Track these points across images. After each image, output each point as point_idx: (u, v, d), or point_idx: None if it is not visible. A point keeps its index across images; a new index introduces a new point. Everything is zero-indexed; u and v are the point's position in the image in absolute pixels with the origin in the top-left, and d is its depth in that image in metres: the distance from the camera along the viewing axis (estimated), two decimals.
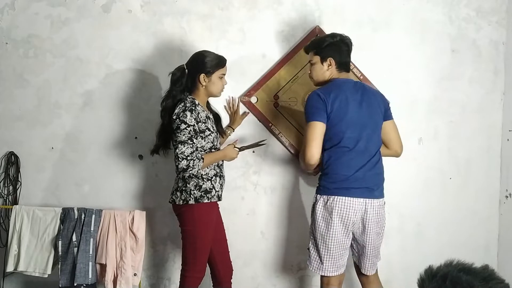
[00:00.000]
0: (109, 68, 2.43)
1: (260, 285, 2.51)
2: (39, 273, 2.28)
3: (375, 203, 1.95)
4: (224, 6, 2.43)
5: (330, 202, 1.91)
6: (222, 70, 2.06)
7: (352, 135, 1.91)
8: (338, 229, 1.91)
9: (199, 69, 2.01)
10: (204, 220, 2.02)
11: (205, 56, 2.03)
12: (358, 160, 1.92)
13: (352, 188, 1.90)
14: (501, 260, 2.55)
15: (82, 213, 2.28)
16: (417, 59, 2.50)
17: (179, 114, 1.92)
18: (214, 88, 2.06)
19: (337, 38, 2.00)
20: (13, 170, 2.43)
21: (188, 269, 2.04)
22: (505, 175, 2.56)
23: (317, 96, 1.92)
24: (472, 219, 2.56)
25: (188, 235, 2.02)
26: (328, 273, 1.97)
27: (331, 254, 1.95)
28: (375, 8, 2.47)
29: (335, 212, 1.89)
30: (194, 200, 1.97)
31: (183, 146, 1.88)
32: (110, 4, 2.42)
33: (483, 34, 2.53)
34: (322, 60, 2.00)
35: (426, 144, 2.52)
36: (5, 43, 2.43)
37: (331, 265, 1.96)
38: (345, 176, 1.90)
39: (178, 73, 2.05)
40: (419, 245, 2.53)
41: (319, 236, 1.95)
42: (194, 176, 1.98)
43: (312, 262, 2.01)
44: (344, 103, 1.91)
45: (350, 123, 1.91)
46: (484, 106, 2.55)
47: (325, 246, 1.94)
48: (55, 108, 2.44)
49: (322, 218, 1.93)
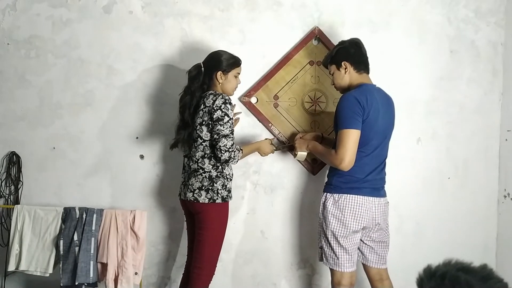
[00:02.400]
0: (110, 69, 2.44)
1: (260, 284, 2.53)
2: (41, 272, 2.29)
3: (382, 201, 2.01)
4: (225, 7, 2.44)
5: (342, 200, 1.95)
6: (238, 69, 2.11)
7: (375, 142, 1.95)
8: (350, 226, 1.94)
9: (216, 66, 2.06)
10: (226, 219, 2.07)
11: (222, 55, 2.08)
12: (371, 165, 1.97)
13: (363, 188, 1.95)
14: (500, 259, 2.57)
15: (84, 213, 2.30)
16: (416, 59, 2.51)
17: (221, 106, 1.95)
18: (229, 86, 2.10)
19: (346, 43, 2.05)
20: (14, 170, 2.44)
21: (203, 267, 2.02)
22: (503, 175, 2.57)
23: (355, 100, 1.89)
24: (470, 218, 2.57)
25: (211, 234, 2.01)
26: (345, 269, 1.98)
27: (346, 249, 1.98)
28: (374, 9, 2.48)
29: (347, 209, 1.94)
30: (221, 199, 2.00)
31: (226, 139, 1.92)
32: (111, 5, 2.43)
33: (481, 35, 2.55)
34: (337, 67, 2.03)
35: (424, 144, 2.54)
36: (7, 43, 2.44)
37: (347, 260, 1.98)
38: (358, 178, 1.95)
39: (195, 70, 2.09)
40: (418, 245, 2.54)
41: (331, 233, 1.97)
42: (221, 176, 2.02)
43: (328, 259, 2.02)
44: (376, 112, 1.92)
45: (377, 132, 1.94)
46: (483, 106, 2.57)
47: (338, 242, 1.97)
48: (56, 109, 2.45)
49: (333, 215, 1.96)
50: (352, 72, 2.02)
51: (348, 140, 1.87)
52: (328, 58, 2.08)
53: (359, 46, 2.04)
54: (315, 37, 2.44)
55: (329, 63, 2.08)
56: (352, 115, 1.88)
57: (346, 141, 1.87)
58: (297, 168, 2.48)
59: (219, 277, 2.49)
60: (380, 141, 1.96)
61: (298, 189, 2.50)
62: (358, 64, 2.02)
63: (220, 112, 1.94)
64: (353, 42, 2.04)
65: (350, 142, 1.87)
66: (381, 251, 2.09)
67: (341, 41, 2.09)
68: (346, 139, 1.87)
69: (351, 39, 2.06)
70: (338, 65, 2.03)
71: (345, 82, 2.04)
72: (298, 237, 2.50)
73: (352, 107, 1.89)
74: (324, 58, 2.13)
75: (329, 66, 2.09)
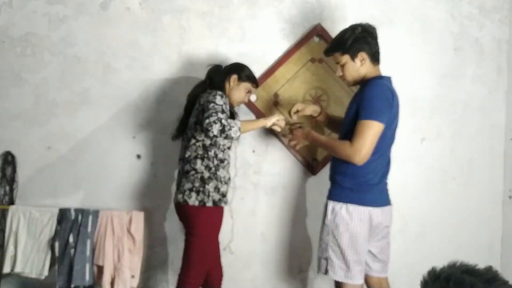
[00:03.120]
0: (107, 67, 2.40)
1: (260, 287, 2.48)
2: (36, 275, 2.24)
3: (390, 208, 1.95)
4: (224, 3, 2.41)
5: (356, 211, 1.80)
6: (252, 85, 2.10)
7: (390, 142, 1.86)
8: (364, 236, 1.82)
9: (234, 70, 2.07)
10: (217, 225, 1.99)
11: (245, 66, 2.11)
12: (385, 167, 1.88)
13: (377, 197, 1.86)
14: (505, 260, 2.53)
15: (79, 214, 2.25)
16: (419, 57, 2.48)
17: (209, 97, 1.88)
18: (237, 95, 2.08)
19: (359, 29, 1.82)
20: (9, 170, 2.39)
21: (190, 274, 1.94)
22: (508, 174, 2.54)
23: (389, 91, 1.74)
24: (475, 219, 2.54)
25: (197, 238, 1.93)
26: (357, 280, 1.83)
27: (359, 260, 1.82)
28: (377, 6, 2.45)
29: (363, 221, 1.81)
30: (212, 202, 1.92)
31: (211, 116, 1.77)
32: (108, 2, 2.39)
33: (486, 32, 2.52)
34: (352, 57, 1.82)
35: (428, 144, 2.50)
36: (2, 41, 2.40)
37: (359, 271, 1.83)
38: (372, 183, 1.82)
39: (215, 67, 2.10)
40: (422, 246, 2.50)
41: (344, 244, 1.80)
42: (214, 178, 1.95)
43: (337, 271, 1.82)
44: (397, 108, 1.81)
45: (393, 131, 1.85)
46: (487, 105, 2.54)
47: (352, 253, 1.81)
48: (52, 107, 2.41)
49: (346, 225, 1.80)
50: (369, 64, 1.82)
51: (370, 133, 1.67)
52: (340, 47, 1.84)
53: (374, 33, 1.84)
54: (317, 34, 2.40)
55: (341, 53, 1.84)
56: (382, 107, 1.70)
57: (367, 133, 1.67)
58: (298, 168, 2.44)
59: None
60: (392, 142, 1.86)
61: (299, 190, 2.46)
62: (375, 55, 1.83)
63: (207, 103, 1.85)
64: (369, 30, 1.82)
65: (371, 135, 1.67)
66: (384, 258, 1.99)
67: (353, 25, 1.85)
68: (368, 130, 1.67)
69: (364, 26, 1.83)
70: (353, 56, 1.81)
71: (359, 74, 1.84)
72: (300, 239, 2.46)
73: (385, 98, 1.71)
74: (332, 46, 1.89)
75: (339, 56, 1.85)
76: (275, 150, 2.45)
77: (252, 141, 2.43)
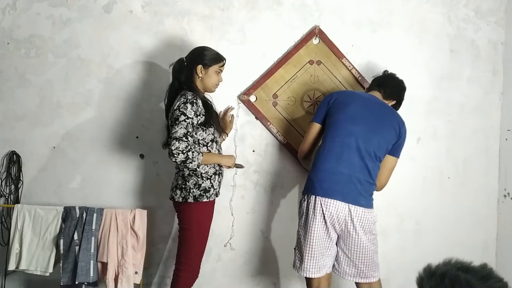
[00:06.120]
0: (110, 68, 2.44)
1: (260, 284, 2.53)
2: (41, 272, 2.29)
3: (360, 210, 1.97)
4: (225, 7, 2.44)
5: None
6: (219, 65, 2.09)
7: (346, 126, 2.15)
8: (318, 227, 1.94)
9: (197, 60, 2.05)
10: (202, 220, 2.04)
11: (204, 50, 2.08)
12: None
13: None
14: (500, 258, 2.57)
15: (84, 212, 2.30)
16: (416, 59, 2.51)
17: (180, 105, 1.91)
18: (210, 82, 2.08)
19: (403, 84, 2.25)
20: (15, 169, 2.44)
21: (182, 268, 2.04)
22: (503, 174, 2.57)
23: (328, 96, 2.18)
24: (470, 218, 2.57)
25: (185, 233, 2.03)
26: (310, 274, 1.96)
27: (312, 253, 1.95)
28: (375, 9, 2.48)
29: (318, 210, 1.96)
30: (193, 198, 1.98)
31: (178, 142, 1.83)
32: (111, 5, 2.43)
33: (481, 34, 2.55)
34: (397, 104, 2.23)
35: (424, 144, 2.54)
36: (7, 43, 2.43)
37: (312, 265, 1.96)
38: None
39: (177, 65, 2.09)
40: (418, 244, 2.54)
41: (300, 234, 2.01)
42: (194, 174, 1.99)
43: (295, 262, 2.04)
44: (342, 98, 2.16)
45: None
46: (483, 106, 2.57)
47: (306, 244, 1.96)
48: (56, 108, 2.45)
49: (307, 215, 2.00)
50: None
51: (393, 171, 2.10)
52: (398, 96, 2.22)
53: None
54: (316, 36, 2.44)
55: (395, 102, 2.21)
56: (317, 110, 2.15)
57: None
58: (297, 168, 2.48)
59: (219, 277, 2.50)
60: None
61: (298, 188, 2.50)
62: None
63: (177, 112, 1.89)
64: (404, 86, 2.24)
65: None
66: (358, 263, 1.99)
67: (399, 79, 2.22)
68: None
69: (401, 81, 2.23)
70: (398, 103, 2.24)
71: None
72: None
73: (321, 102, 2.16)
74: (395, 94, 2.21)
75: (393, 103, 2.21)
76: (274, 150, 2.49)
77: (252, 140, 2.47)
